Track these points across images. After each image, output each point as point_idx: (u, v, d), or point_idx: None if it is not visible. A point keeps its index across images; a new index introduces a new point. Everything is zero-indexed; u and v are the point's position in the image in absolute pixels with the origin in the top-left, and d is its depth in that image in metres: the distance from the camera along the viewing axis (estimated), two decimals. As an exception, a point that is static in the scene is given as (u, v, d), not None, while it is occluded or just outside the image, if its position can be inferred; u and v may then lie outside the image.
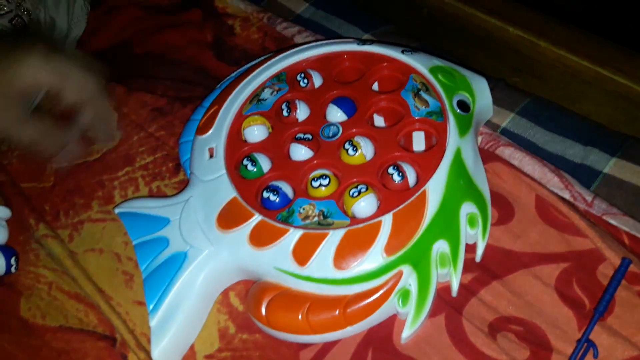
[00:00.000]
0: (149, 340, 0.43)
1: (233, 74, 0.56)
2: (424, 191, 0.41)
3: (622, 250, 0.40)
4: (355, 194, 0.43)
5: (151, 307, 0.43)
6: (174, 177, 0.54)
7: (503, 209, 0.45)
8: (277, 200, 0.44)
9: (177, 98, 0.59)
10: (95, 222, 0.52)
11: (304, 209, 0.43)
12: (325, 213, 0.43)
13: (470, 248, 0.42)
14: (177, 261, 0.44)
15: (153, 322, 0.42)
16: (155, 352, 0.42)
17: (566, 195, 0.44)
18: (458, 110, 0.46)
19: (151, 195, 0.53)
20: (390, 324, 0.41)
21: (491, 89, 0.49)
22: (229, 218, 0.44)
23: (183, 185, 0.51)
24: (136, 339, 0.45)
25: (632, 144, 0.47)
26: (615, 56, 0.49)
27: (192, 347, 0.44)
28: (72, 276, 0.49)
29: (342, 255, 0.41)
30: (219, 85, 0.56)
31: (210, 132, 0.50)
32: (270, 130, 0.49)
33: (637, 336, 0.37)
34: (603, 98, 0.50)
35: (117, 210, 0.49)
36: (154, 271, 0.44)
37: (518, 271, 0.42)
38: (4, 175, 0.57)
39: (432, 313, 0.41)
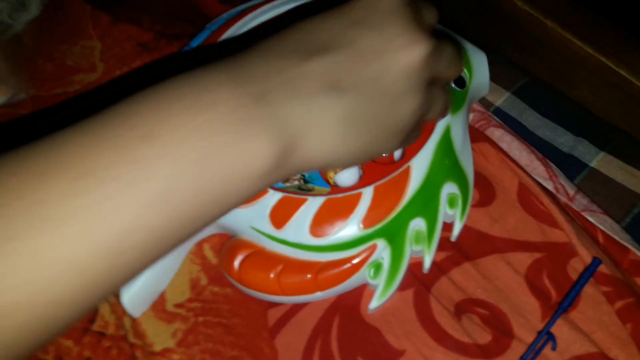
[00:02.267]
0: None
1: (225, 15, 0.56)
2: (408, 167, 0.43)
3: (595, 249, 0.43)
4: None
5: (123, 252, 0.45)
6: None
7: (484, 191, 0.47)
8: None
9: (164, 34, 0.60)
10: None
11: (285, 170, 0.45)
12: (307, 178, 0.45)
13: (447, 226, 0.44)
14: (153, 209, 0.46)
15: (124, 268, 0.44)
16: (125, 297, 0.44)
17: (549, 186, 0.46)
18: (453, 85, 0.47)
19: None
20: (359, 294, 0.44)
21: (489, 63, 0.49)
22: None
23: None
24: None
25: (623, 139, 0.49)
26: (622, 47, 0.49)
27: (162, 295, 0.46)
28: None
29: (320, 222, 0.42)
30: (208, 25, 0.56)
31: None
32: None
33: (596, 333, 0.40)
34: (602, 88, 0.51)
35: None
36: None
37: (491, 255, 0.44)
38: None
39: (402, 287, 0.43)
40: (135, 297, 0.44)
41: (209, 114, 0.28)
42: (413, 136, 0.37)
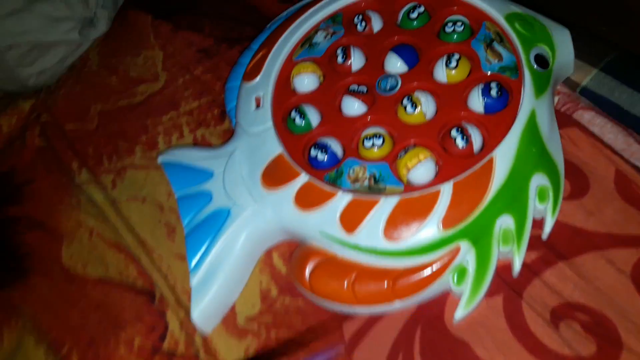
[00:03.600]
0: (189, 298, 0.42)
1: (284, 13, 0.53)
2: (491, 159, 0.38)
3: None
4: (404, 155, 0.39)
5: (193, 264, 0.42)
6: (219, 124, 0.52)
7: (576, 182, 0.40)
8: (325, 159, 0.42)
9: (224, 38, 0.57)
10: (139, 169, 0.51)
11: (353, 170, 0.41)
12: (377, 177, 0.40)
13: (536, 223, 0.39)
14: (220, 218, 0.42)
15: (194, 281, 0.41)
16: (196, 312, 0.41)
17: (653, 171, 0.40)
18: (535, 66, 0.41)
19: (195, 143, 0.51)
20: (442, 302, 0.39)
21: (572, 40, 0.44)
22: (274, 175, 0.42)
23: (228, 134, 0.49)
24: (176, 295, 0.44)
25: None
26: None
27: (233, 308, 0.43)
28: (113, 224, 0.49)
29: (394, 224, 0.38)
30: (268, 26, 0.53)
31: (257, 79, 0.47)
32: (321, 79, 0.46)
33: None
34: None
35: (160, 160, 0.48)
36: (197, 227, 0.43)
37: (589, 253, 0.38)
38: (48, 116, 0.56)
39: (489, 293, 0.38)
40: (206, 312, 0.41)
41: None
42: None
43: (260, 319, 0.42)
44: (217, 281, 0.41)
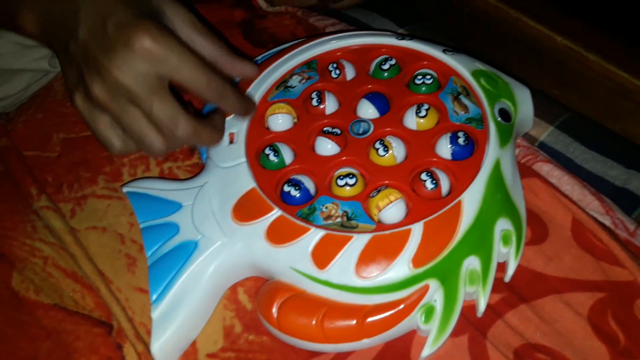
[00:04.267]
0: (148, 332, 0.40)
1: (260, 57, 0.54)
2: (459, 202, 0.39)
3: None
4: (375, 195, 0.41)
5: (154, 297, 0.40)
6: (187, 159, 0.52)
7: (536, 229, 0.43)
8: (298, 195, 0.42)
9: (196, 76, 0.57)
10: (100, 198, 0.50)
11: (326, 207, 0.41)
12: (350, 214, 0.41)
13: (499, 267, 0.40)
14: (187, 250, 0.42)
15: (155, 314, 0.40)
16: (155, 346, 0.39)
17: (606, 221, 0.42)
18: (499, 119, 0.44)
19: (162, 177, 0.51)
20: (409, 340, 0.39)
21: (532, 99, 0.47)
22: (246, 209, 0.42)
23: (197, 169, 0.49)
24: (135, 328, 0.43)
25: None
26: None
27: (193, 344, 0.42)
28: (71, 253, 0.47)
29: (366, 262, 0.38)
30: (243, 67, 0.54)
31: (231, 116, 0.48)
32: (295, 120, 0.47)
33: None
34: (651, 122, 0.49)
35: (125, 189, 0.47)
36: (161, 259, 0.42)
37: (548, 296, 0.40)
38: (7, 140, 0.54)
39: (455, 333, 0.39)
40: (166, 346, 0.40)
41: None
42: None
43: (222, 356, 0.41)
44: (179, 315, 0.40)
